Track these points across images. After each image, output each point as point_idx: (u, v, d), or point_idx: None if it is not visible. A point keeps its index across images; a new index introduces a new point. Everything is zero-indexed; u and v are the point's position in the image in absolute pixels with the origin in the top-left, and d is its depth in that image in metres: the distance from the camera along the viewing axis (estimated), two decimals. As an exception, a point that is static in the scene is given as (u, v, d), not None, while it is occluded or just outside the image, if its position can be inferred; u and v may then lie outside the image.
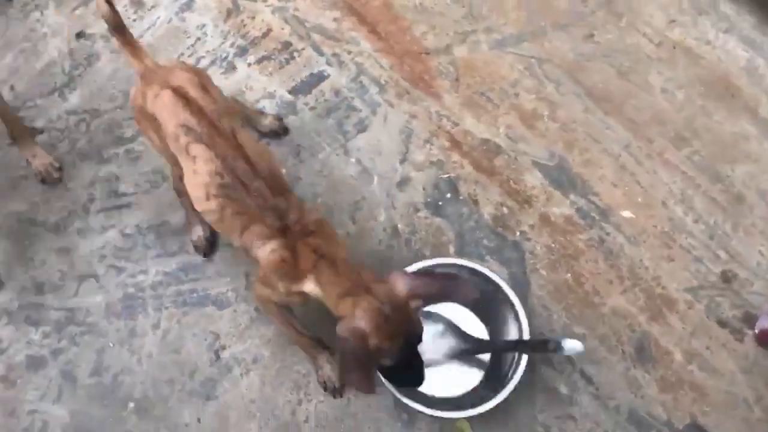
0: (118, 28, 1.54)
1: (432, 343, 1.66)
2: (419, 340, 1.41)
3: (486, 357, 1.71)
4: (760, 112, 2.03)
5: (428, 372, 1.49)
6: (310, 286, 1.42)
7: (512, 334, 1.66)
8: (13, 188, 1.92)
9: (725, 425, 1.68)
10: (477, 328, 1.72)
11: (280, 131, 1.94)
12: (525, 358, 1.59)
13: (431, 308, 1.70)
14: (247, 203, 1.43)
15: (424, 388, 1.54)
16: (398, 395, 1.57)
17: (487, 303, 1.68)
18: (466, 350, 1.67)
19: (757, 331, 1.81)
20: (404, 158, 1.95)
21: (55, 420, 1.68)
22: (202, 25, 2.11)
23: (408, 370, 1.44)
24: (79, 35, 2.10)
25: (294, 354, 1.73)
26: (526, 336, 1.63)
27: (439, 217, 1.90)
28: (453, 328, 1.68)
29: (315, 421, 1.68)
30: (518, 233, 1.88)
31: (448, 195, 1.93)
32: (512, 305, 1.65)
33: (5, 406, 1.70)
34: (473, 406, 1.58)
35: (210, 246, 1.83)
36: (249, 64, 2.06)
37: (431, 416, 1.60)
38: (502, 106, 2.02)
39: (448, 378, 1.68)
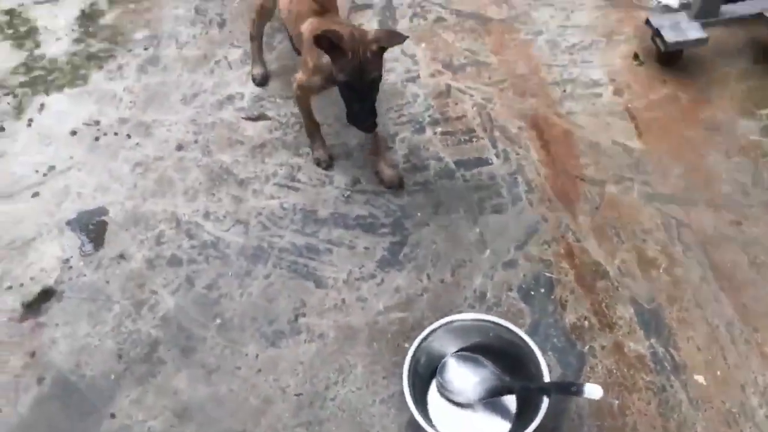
0: None
1: (470, 383, 1.84)
2: (374, 77, 2.01)
3: (512, 406, 1.84)
4: None
5: (459, 417, 1.78)
6: (308, 26, 2.15)
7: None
8: (229, 145, 2.49)
9: None
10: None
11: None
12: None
13: (473, 353, 1.90)
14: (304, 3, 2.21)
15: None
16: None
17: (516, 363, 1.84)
18: (497, 388, 1.82)
19: None
20: (520, 246, 2.19)
21: (163, 305, 2.11)
22: (416, 95, 2.60)
23: (360, 104, 2.03)
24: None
25: (351, 347, 2.00)
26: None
27: (526, 303, 2.08)
28: (490, 369, 1.86)
29: (339, 403, 1.90)
30: (588, 347, 1.99)
31: (542, 290, 2.11)
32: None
33: (139, 280, 2.16)
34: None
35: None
36: (435, 133, 2.48)
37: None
38: (627, 244, 2.19)
39: (475, 426, 1.83)
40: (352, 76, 1.99)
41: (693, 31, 2.50)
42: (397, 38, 2.02)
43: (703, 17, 2.51)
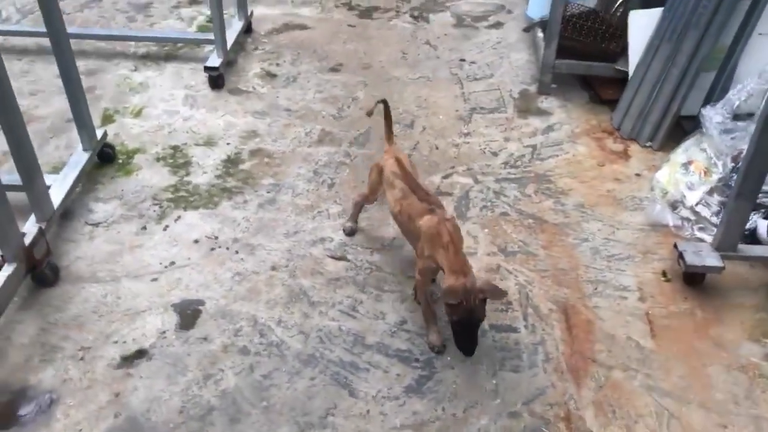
0: (389, 126, 3.10)
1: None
2: (479, 320, 2.49)
3: None
4: None
5: None
6: (439, 257, 2.57)
7: None
8: (311, 273, 3.07)
9: None
10: None
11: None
12: None
13: None
14: (413, 199, 2.75)
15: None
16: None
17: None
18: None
19: None
20: (526, 403, 2.55)
21: (226, 381, 2.60)
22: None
23: (466, 337, 2.51)
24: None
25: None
26: None
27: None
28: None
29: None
30: (564, 497, 2.28)
31: (536, 441, 2.44)
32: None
33: (213, 359, 2.68)
34: None
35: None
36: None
37: None
38: (620, 421, 2.50)
39: None
40: (462, 318, 2.46)
41: (711, 258, 2.92)
42: (500, 294, 2.52)
43: (723, 249, 2.94)
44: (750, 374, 2.69)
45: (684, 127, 3.85)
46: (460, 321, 2.47)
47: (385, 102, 3.09)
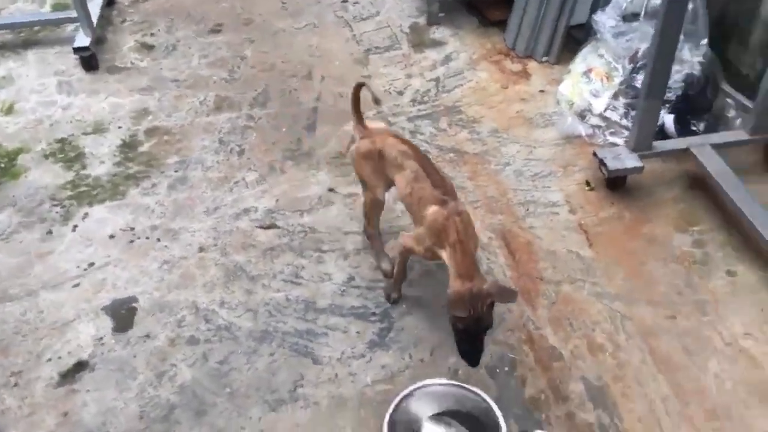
0: (358, 111, 2.70)
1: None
2: (487, 328, 2.24)
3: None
4: (798, 427, 2.29)
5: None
6: (444, 256, 2.33)
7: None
8: (243, 248, 2.93)
9: None
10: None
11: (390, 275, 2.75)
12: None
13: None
14: (426, 183, 2.42)
15: None
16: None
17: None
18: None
19: None
20: (489, 333, 2.56)
21: (181, 376, 2.47)
22: (405, 212, 3.08)
23: (471, 345, 2.25)
24: (330, 190, 3.20)
25: (342, 414, 2.33)
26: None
27: (492, 379, 2.44)
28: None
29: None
30: (544, 416, 2.33)
31: (506, 368, 2.47)
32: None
33: (161, 356, 2.53)
34: None
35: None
36: (419, 240, 2.94)
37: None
38: (578, 332, 2.57)
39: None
40: (468, 326, 2.23)
41: (630, 160, 3.02)
42: (510, 296, 2.30)
43: (639, 150, 3.05)
44: (685, 264, 2.82)
45: (575, 37, 3.92)
46: (466, 329, 2.23)
47: (364, 85, 2.74)
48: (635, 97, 3.28)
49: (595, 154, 3.11)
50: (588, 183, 3.18)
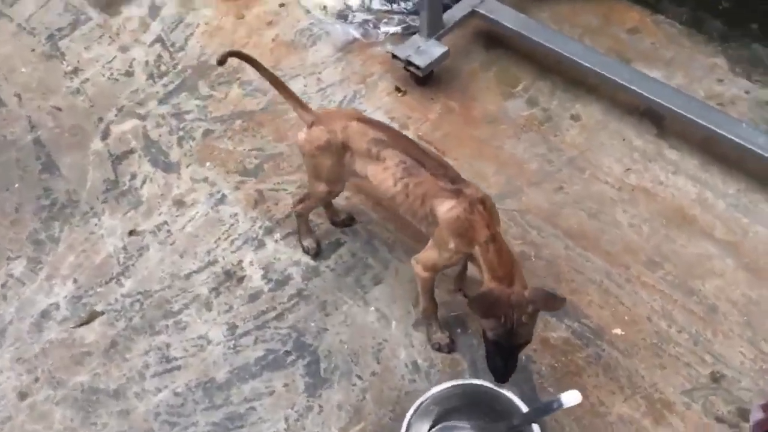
0: (285, 89, 2.15)
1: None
2: (524, 341, 1.81)
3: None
4: (716, 234, 2.36)
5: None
6: (477, 253, 1.86)
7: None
8: (76, 363, 2.19)
9: None
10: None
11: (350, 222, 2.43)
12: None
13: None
14: (424, 174, 1.92)
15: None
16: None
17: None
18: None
19: (751, 423, 1.98)
20: (416, 302, 2.24)
21: None
22: (234, 214, 2.50)
23: (503, 360, 1.83)
24: (131, 233, 2.48)
25: (335, 486, 1.90)
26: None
27: (460, 353, 2.15)
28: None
29: None
30: (524, 357, 2.12)
31: (459, 330, 2.20)
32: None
33: None
34: None
35: (318, 249, 2.36)
36: (276, 240, 2.42)
37: None
38: (495, 251, 2.36)
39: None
40: (501, 339, 1.80)
41: (435, 48, 2.72)
42: (556, 304, 1.82)
43: (434, 33, 2.75)
44: (534, 127, 2.68)
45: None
46: (498, 342, 1.81)
47: (239, 54, 2.21)
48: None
49: (395, 56, 2.75)
50: (398, 89, 2.83)
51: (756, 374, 2.07)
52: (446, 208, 1.90)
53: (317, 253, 2.37)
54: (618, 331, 2.18)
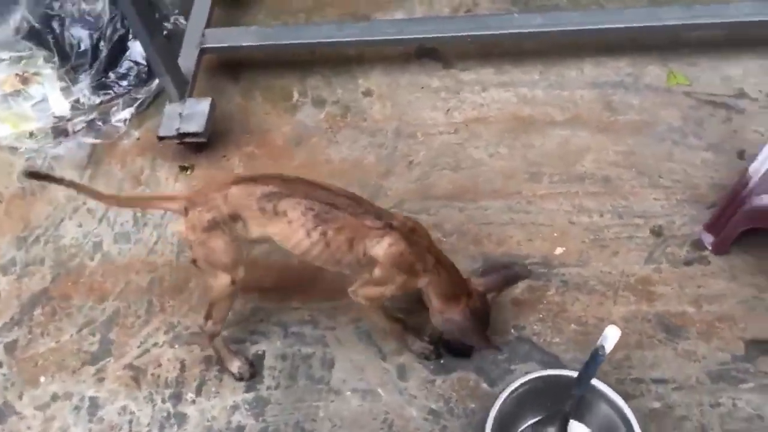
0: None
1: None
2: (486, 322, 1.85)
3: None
4: (557, 119, 2.42)
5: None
6: (423, 284, 1.77)
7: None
8: None
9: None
10: None
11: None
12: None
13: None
14: (342, 216, 1.69)
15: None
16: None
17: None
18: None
19: (709, 246, 2.10)
20: (383, 356, 1.98)
21: None
22: (122, 409, 1.94)
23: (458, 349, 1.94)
24: None
25: None
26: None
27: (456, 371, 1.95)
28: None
29: None
30: (512, 330, 1.99)
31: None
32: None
33: None
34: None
35: (252, 367, 1.98)
36: (192, 401, 1.93)
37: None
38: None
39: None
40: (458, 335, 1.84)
41: (198, 106, 2.34)
42: (516, 277, 1.91)
43: (184, 93, 2.36)
44: (340, 123, 2.46)
45: None
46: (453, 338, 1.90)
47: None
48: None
49: (162, 137, 2.32)
50: (183, 167, 2.41)
51: (677, 208, 2.18)
52: (385, 246, 1.71)
53: (253, 374, 1.96)
54: (559, 250, 2.14)
